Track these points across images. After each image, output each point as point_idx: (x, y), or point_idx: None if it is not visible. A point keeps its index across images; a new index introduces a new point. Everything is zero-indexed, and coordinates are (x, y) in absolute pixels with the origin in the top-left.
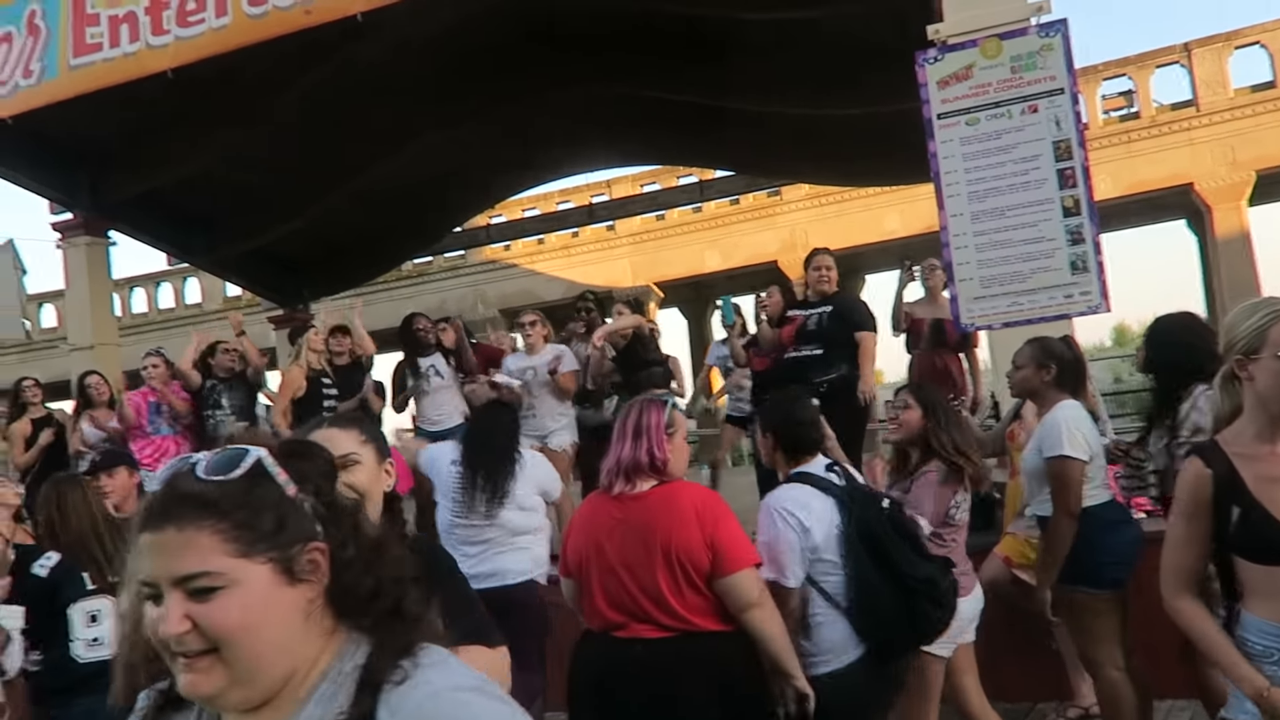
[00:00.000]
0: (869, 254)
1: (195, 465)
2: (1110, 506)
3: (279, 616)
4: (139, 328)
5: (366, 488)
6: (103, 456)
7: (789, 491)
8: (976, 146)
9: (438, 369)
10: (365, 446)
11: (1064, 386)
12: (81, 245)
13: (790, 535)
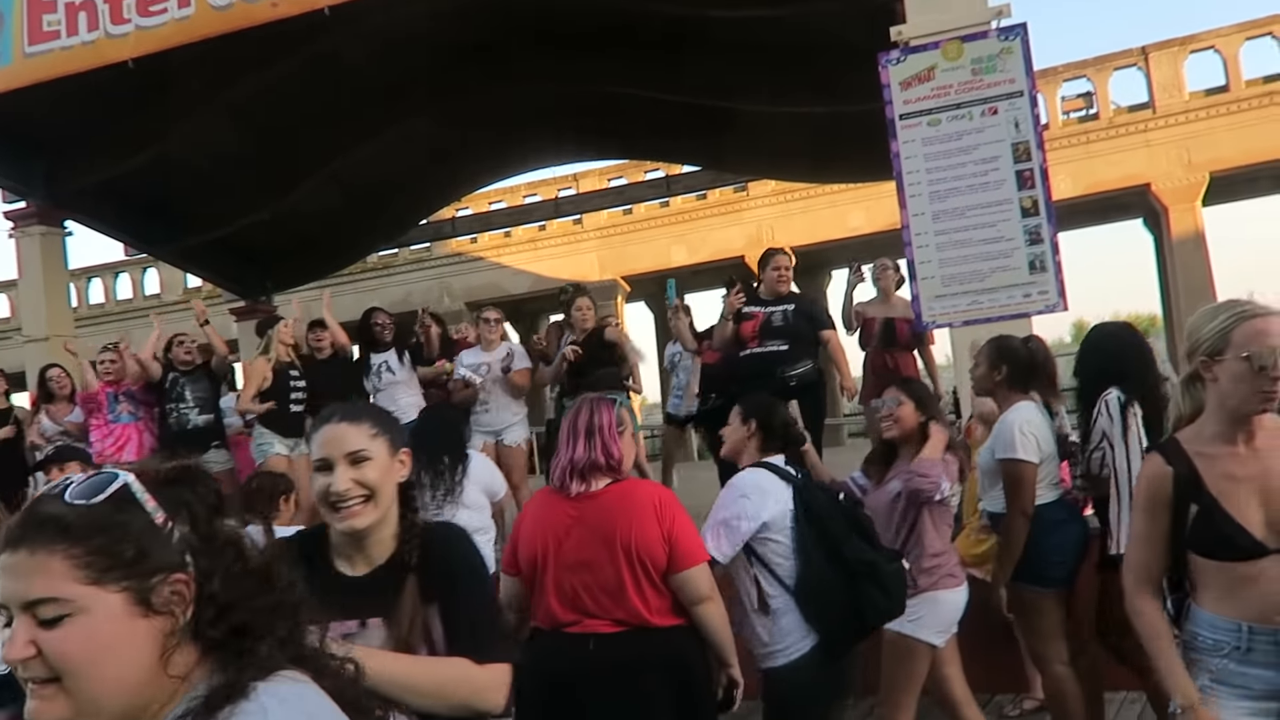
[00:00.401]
0: (833, 250)
1: (66, 489)
2: (1055, 506)
3: (128, 648)
4: (96, 319)
5: (378, 483)
6: (56, 451)
7: (748, 474)
8: (938, 147)
9: (389, 365)
10: (376, 440)
11: (1017, 386)
12: (36, 235)
13: (740, 505)
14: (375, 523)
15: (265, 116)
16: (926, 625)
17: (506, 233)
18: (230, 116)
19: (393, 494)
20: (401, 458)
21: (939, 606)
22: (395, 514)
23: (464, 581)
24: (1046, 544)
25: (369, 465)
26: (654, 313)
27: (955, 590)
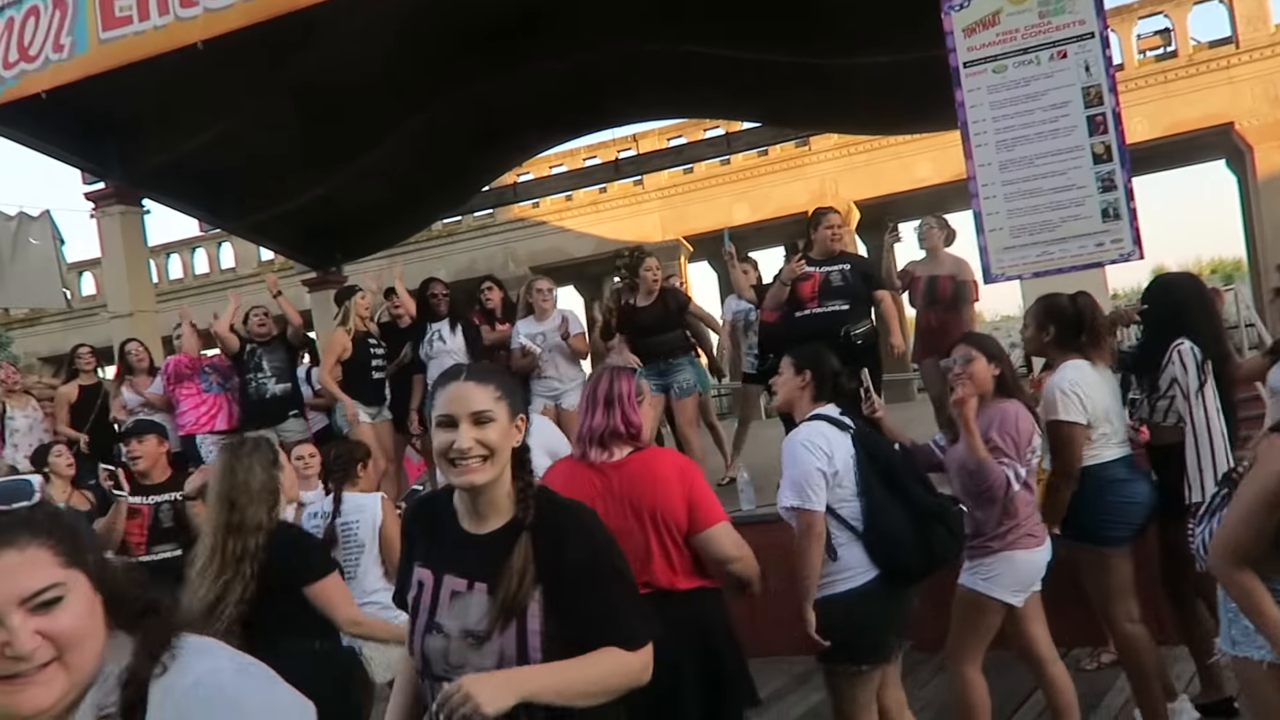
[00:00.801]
0: (900, 202)
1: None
2: (1114, 465)
3: (97, 621)
4: (176, 293)
5: (498, 444)
6: (135, 424)
7: (809, 427)
8: (1004, 94)
9: (441, 334)
10: (499, 403)
11: (1068, 346)
12: (115, 214)
13: (813, 462)
14: (490, 482)
15: (325, 90)
16: (1000, 583)
17: (568, 196)
18: (291, 92)
19: (507, 458)
20: (518, 423)
21: (1014, 565)
22: (509, 476)
23: (593, 563)
24: (1104, 503)
25: (491, 427)
26: (717, 272)
27: (1033, 550)
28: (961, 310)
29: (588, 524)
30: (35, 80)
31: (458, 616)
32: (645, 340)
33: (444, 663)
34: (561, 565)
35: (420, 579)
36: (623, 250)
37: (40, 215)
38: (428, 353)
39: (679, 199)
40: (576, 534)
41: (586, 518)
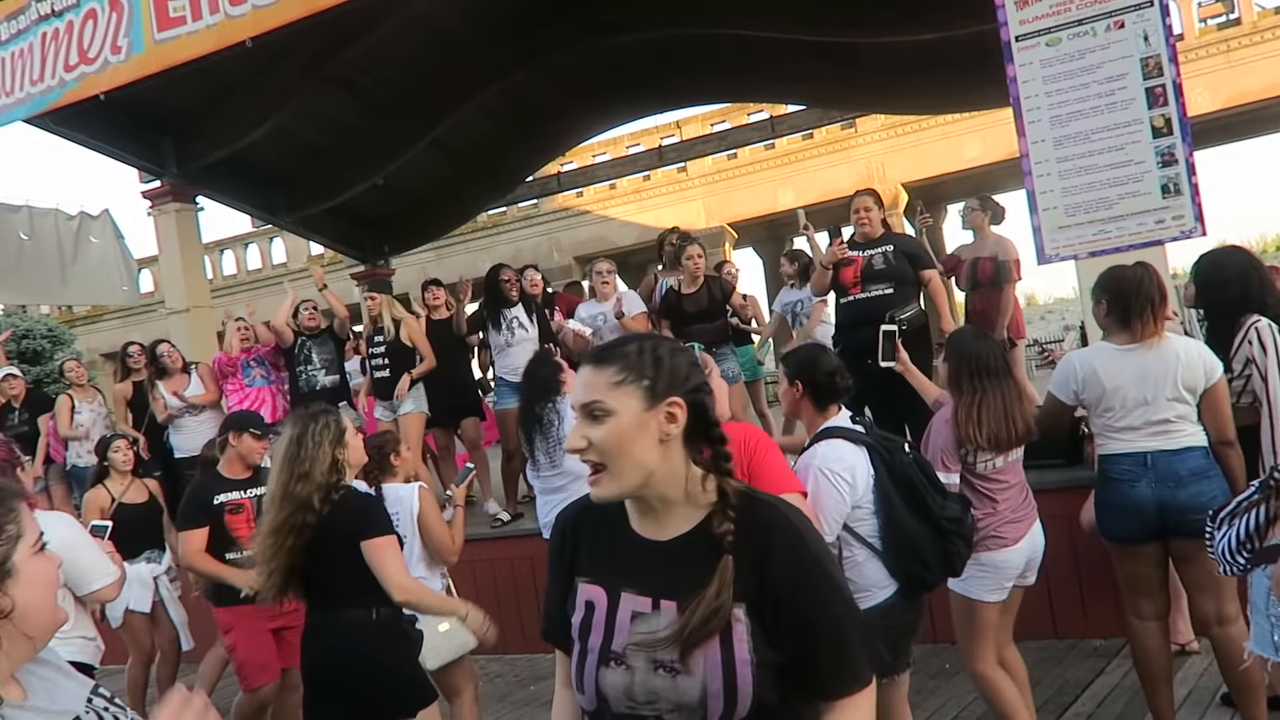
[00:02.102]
0: (949, 183)
1: None
2: (1117, 460)
3: None
4: (230, 289)
5: (610, 445)
6: (240, 418)
7: (830, 449)
8: (1058, 68)
9: (521, 321)
10: (618, 390)
11: (1120, 320)
12: (171, 212)
13: (835, 495)
14: (631, 489)
15: (370, 85)
16: (978, 584)
17: (611, 185)
18: (338, 86)
19: (646, 458)
20: (670, 409)
21: (984, 567)
22: (680, 471)
23: (807, 577)
24: (1098, 499)
25: (607, 423)
26: (762, 259)
27: (997, 552)
28: (1003, 290)
29: (796, 527)
30: (94, 82)
31: (643, 643)
32: (688, 328)
33: (627, 699)
34: (768, 581)
35: (589, 598)
36: (666, 233)
37: (100, 214)
38: (508, 340)
39: (723, 185)
40: (785, 540)
41: (795, 518)
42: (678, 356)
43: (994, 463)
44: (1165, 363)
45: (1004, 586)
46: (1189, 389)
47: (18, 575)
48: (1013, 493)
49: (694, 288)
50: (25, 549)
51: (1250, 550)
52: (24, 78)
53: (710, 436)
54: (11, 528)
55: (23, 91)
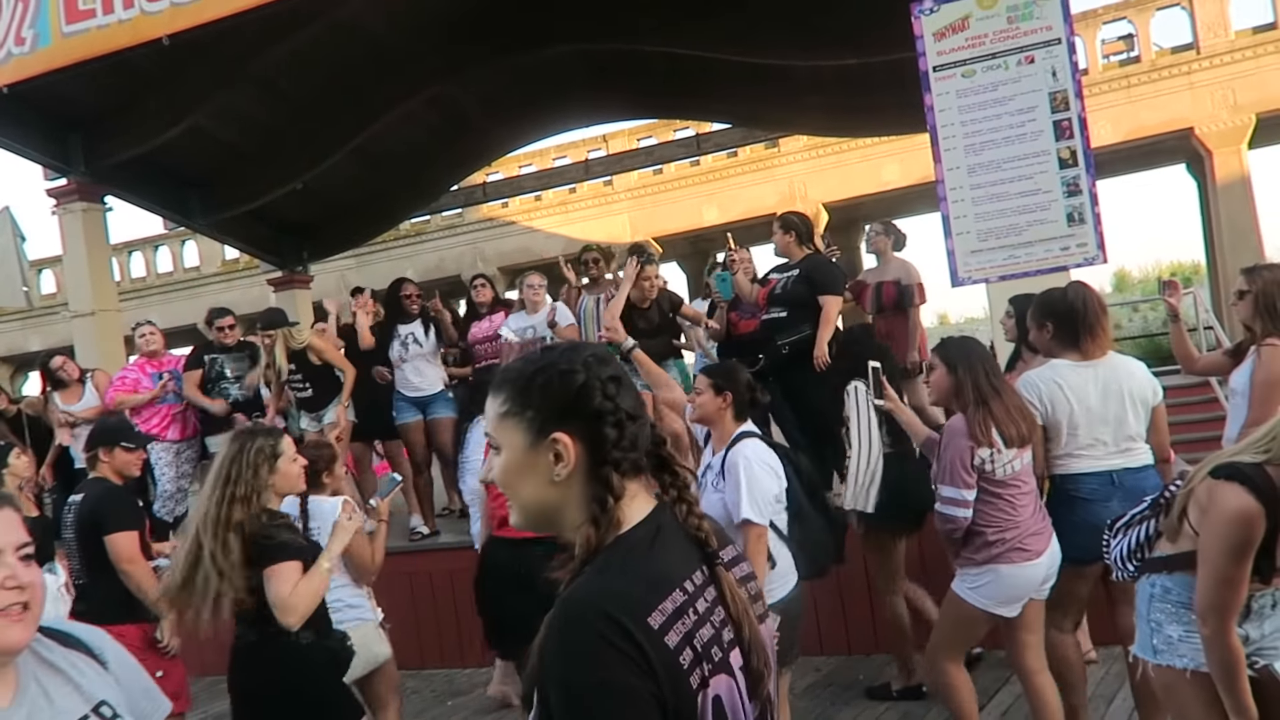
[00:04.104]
0: (869, 204)
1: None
2: (1083, 480)
3: None
4: (139, 292)
5: (501, 480)
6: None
7: (758, 447)
8: (973, 99)
9: (416, 337)
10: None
11: (1067, 342)
12: (77, 211)
13: (774, 485)
14: (530, 527)
15: (292, 88)
16: (987, 594)
17: (537, 196)
18: (259, 88)
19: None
20: (555, 446)
21: (1001, 578)
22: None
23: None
24: (1062, 519)
25: (502, 456)
26: (686, 273)
27: (1022, 565)
28: (907, 314)
29: (558, 623)
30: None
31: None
32: (642, 343)
33: None
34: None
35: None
36: (590, 245)
37: (1, 211)
38: (402, 355)
39: (648, 199)
40: (544, 631)
41: (569, 626)
42: (570, 378)
43: (1014, 465)
44: (1121, 378)
45: (1015, 601)
46: (1143, 404)
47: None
48: (1032, 499)
49: (645, 305)
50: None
51: (1139, 559)
52: None
53: (599, 476)
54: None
55: None
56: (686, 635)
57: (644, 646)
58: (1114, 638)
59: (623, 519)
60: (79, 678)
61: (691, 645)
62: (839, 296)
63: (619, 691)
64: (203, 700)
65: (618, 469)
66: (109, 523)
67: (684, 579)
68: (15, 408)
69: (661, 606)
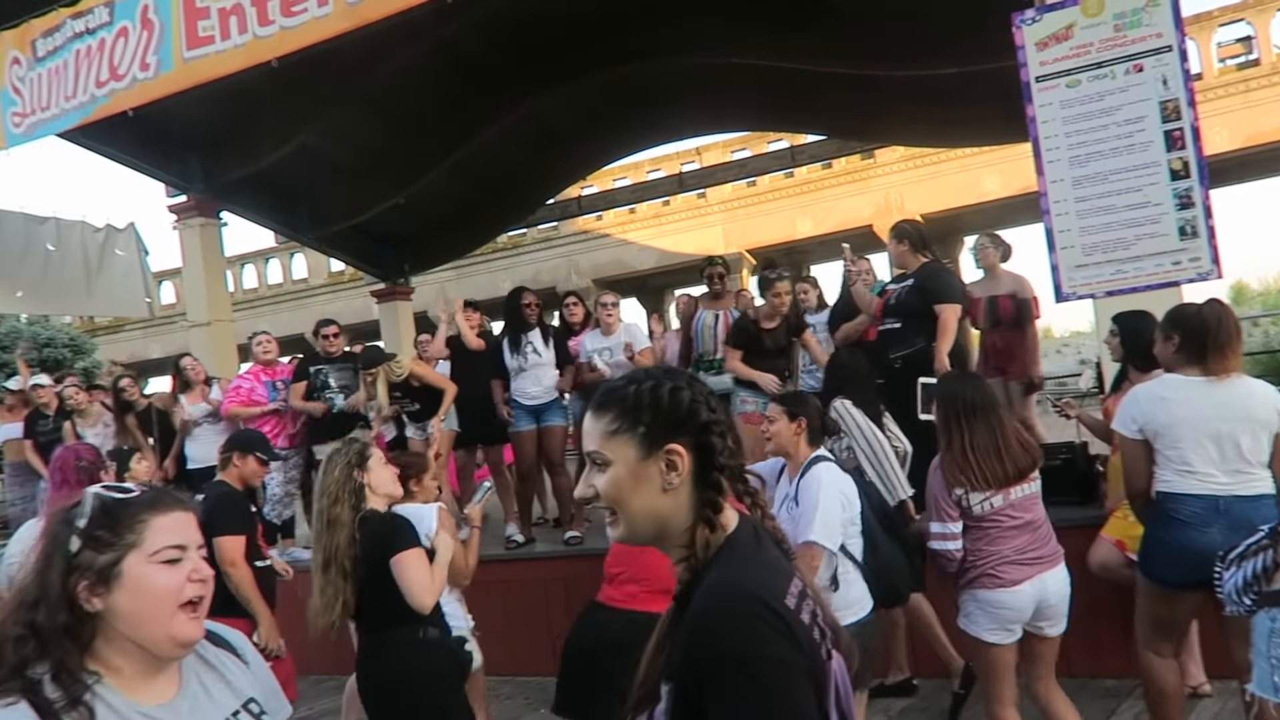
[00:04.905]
0: (967, 216)
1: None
2: (1181, 500)
3: None
4: (251, 303)
5: (609, 495)
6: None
7: (833, 471)
8: (1077, 109)
9: (535, 346)
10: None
11: (1192, 358)
12: (196, 226)
13: (846, 512)
14: (627, 538)
15: (395, 106)
16: (975, 622)
17: (631, 209)
18: (364, 107)
19: (645, 507)
20: (670, 456)
21: (980, 604)
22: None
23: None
24: (1152, 536)
25: (606, 471)
26: None
27: (998, 591)
28: (1025, 329)
29: (721, 611)
30: (123, 99)
31: None
32: (762, 363)
33: None
34: (679, 658)
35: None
36: (715, 258)
37: (126, 227)
38: (521, 364)
39: (742, 212)
40: (702, 623)
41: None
42: (679, 395)
43: (990, 502)
44: (1240, 398)
45: (1007, 629)
46: (1263, 427)
47: (122, 581)
48: (1020, 532)
49: (773, 324)
50: (140, 558)
51: (1256, 593)
52: (58, 93)
53: (708, 481)
54: (130, 535)
55: (57, 107)
56: (811, 615)
57: (790, 623)
58: (1231, 671)
59: (726, 522)
60: (229, 675)
61: (816, 624)
62: (956, 304)
63: (783, 662)
64: (309, 697)
65: (724, 475)
66: (217, 525)
67: (791, 567)
68: (146, 401)
69: (789, 591)
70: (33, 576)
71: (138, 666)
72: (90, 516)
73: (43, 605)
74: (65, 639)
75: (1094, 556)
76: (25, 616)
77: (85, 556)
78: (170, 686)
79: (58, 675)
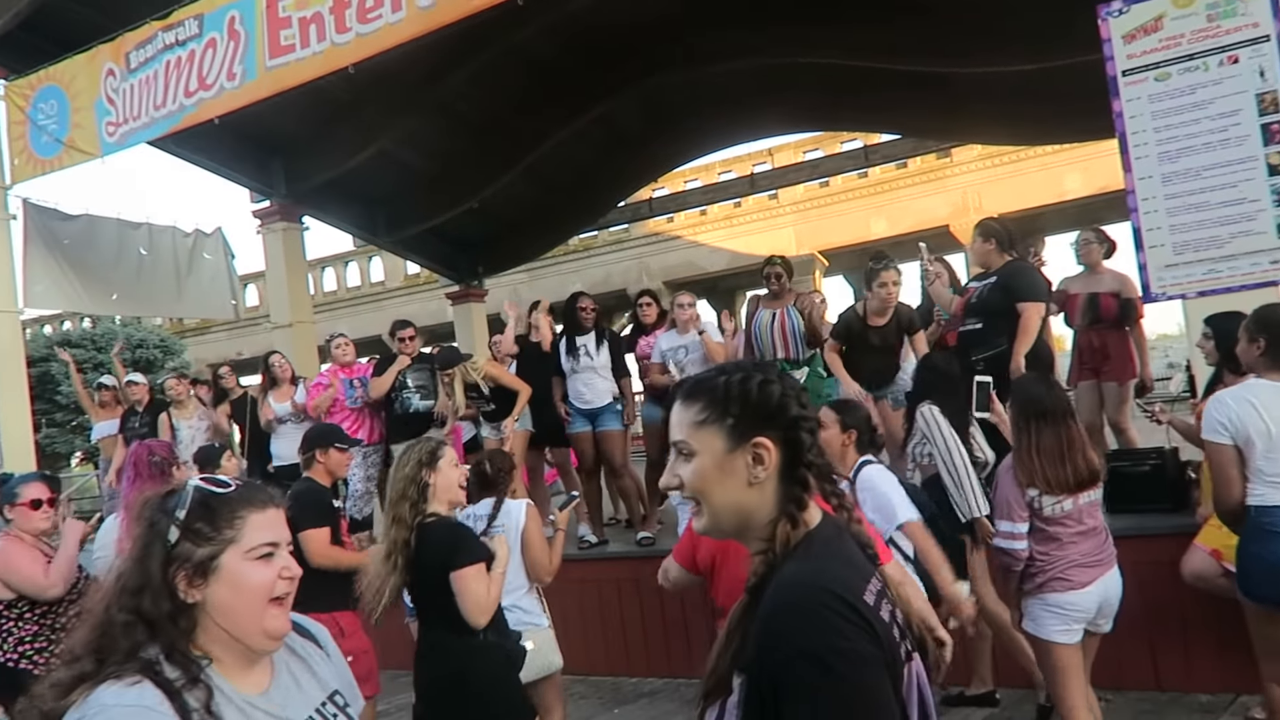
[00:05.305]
0: (1048, 215)
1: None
2: (1273, 512)
3: None
4: (330, 305)
5: (693, 485)
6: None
7: (881, 469)
8: (1167, 104)
9: (588, 349)
10: (700, 430)
11: (1277, 363)
12: (279, 230)
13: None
14: (711, 529)
15: (469, 111)
16: (1044, 625)
17: (702, 211)
18: (438, 113)
19: (729, 499)
20: (757, 449)
21: (1049, 607)
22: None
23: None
24: (1245, 550)
25: (691, 462)
26: (853, 287)
27: (1069, 593)
28: (1126, 330)
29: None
30: (210, 107)
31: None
32: (867, 360)
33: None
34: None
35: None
36: (774, 257)
37: (213, 232)
38: (574, 367)
39: (814, 212)
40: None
41: (803, 593)
42: (769, 388)
43: (1061, 506)
44: None
45: (1074, 629)
46: None
47: (220, 574)
48: (1085, 537)
49: (882, 319)
50: (237, 553)
51: None
52: (148, 103)
53: (795, 477)
54: (229, 531)
55: (147, 116)
56: (891, 614)
57: (868, 618)
58: None
59: (809, 519)
60: (315, 666)
61: (896, 623)
62: (1040, 303)
63: (857, 654)
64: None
65: (811, 472)
66: (300, 521)
67: (872, 566)
68: (243, 390)
69: (868, 588)
70: (132, 563)
71: (234, 656)
72: (190, 509)
73: (147, 592)
74: (171, 625)
75: (1188, 566)
76: (129, 602)
77: (184, 548)
78: (264, 677)
79: (171, 656)
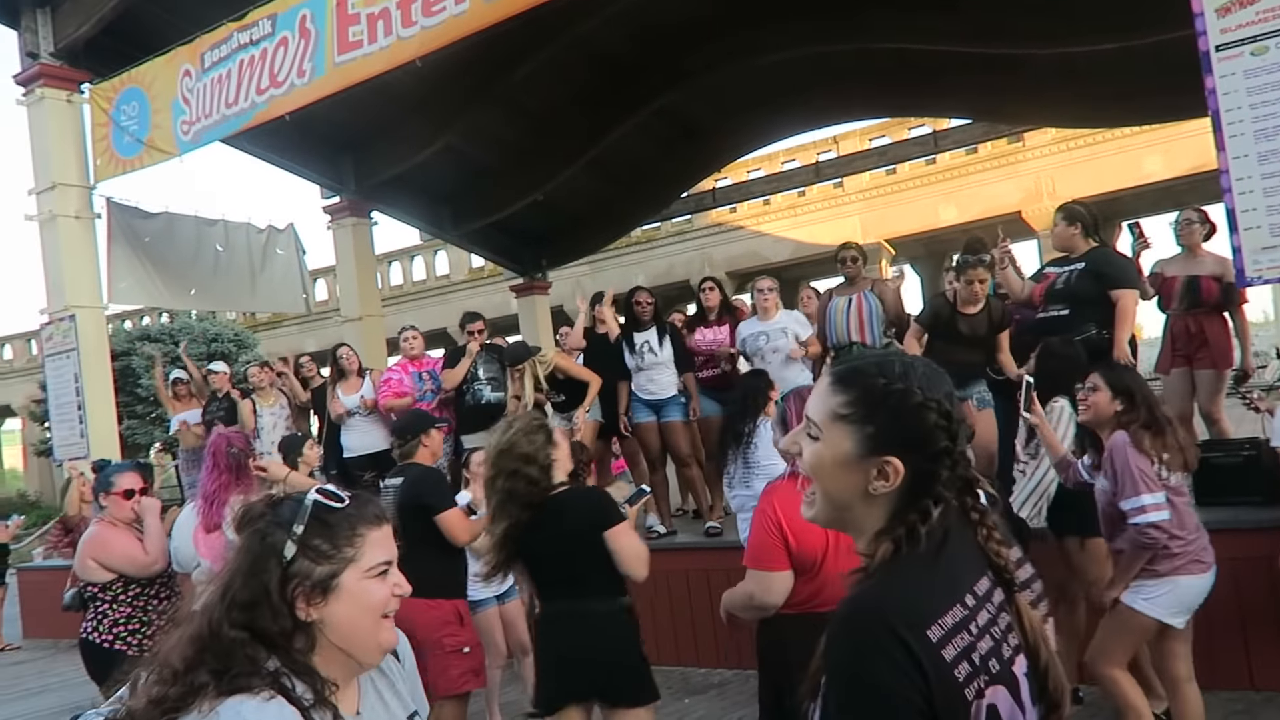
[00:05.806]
0: (1126, 199)
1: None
2: None
3: None
4: (397, 299)
5: (811, 469)
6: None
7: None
8: (1264, 79)
9: (651, 346)
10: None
11: None
12: (348, 226)
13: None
14: (825, 520)
15: (534, 105)
16: (1162, 604)
17: (766, 200)
18: (503, 107)
19: (843, 495)
20: (885, 466)
21: (1179, 589)
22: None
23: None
24: None
25: (815, 445)
26: (920, 276)
27: (1199, 576)
28: (1225, 315)
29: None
30: (280, 104)
31: None
32: (956, 350)
33: None
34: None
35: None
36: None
37: (286, 228)
38: (638, 364)
39: (880, 201)
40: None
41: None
42: (926, 412)
43: (1177, 477)
44: None
45: (1187, 611)
46: None
47: (339, 593)
48: (1193, 514)
49: (975, 309)
50: (357, 572)
51: None
52: (220, 101)
53: (918, 506)
54: (349, 550)
55: (218, 114)
56: (965, 649)
57: (918, 656)
58: None
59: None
60: (396, 683)
61: (969, 659)
62: (1134, 290)
63: (876, 689)
64: None
65: (937, 504)
66: (437, 503)
67: (966, 591)
68: (321, 381)
69: (941, 620)
70: (241, 577)
71: (339, 675)
72: (308, 525)
73: (264, 608)
74: (292, 643)
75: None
76: (241, 618)
77: (302, 565)
78: (353, 696)
79: (298, 674)
